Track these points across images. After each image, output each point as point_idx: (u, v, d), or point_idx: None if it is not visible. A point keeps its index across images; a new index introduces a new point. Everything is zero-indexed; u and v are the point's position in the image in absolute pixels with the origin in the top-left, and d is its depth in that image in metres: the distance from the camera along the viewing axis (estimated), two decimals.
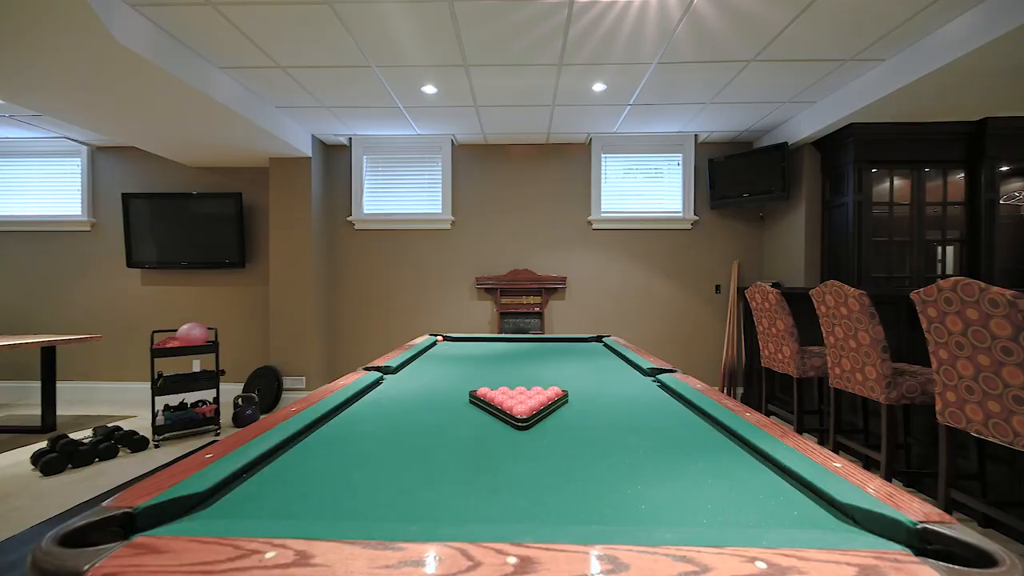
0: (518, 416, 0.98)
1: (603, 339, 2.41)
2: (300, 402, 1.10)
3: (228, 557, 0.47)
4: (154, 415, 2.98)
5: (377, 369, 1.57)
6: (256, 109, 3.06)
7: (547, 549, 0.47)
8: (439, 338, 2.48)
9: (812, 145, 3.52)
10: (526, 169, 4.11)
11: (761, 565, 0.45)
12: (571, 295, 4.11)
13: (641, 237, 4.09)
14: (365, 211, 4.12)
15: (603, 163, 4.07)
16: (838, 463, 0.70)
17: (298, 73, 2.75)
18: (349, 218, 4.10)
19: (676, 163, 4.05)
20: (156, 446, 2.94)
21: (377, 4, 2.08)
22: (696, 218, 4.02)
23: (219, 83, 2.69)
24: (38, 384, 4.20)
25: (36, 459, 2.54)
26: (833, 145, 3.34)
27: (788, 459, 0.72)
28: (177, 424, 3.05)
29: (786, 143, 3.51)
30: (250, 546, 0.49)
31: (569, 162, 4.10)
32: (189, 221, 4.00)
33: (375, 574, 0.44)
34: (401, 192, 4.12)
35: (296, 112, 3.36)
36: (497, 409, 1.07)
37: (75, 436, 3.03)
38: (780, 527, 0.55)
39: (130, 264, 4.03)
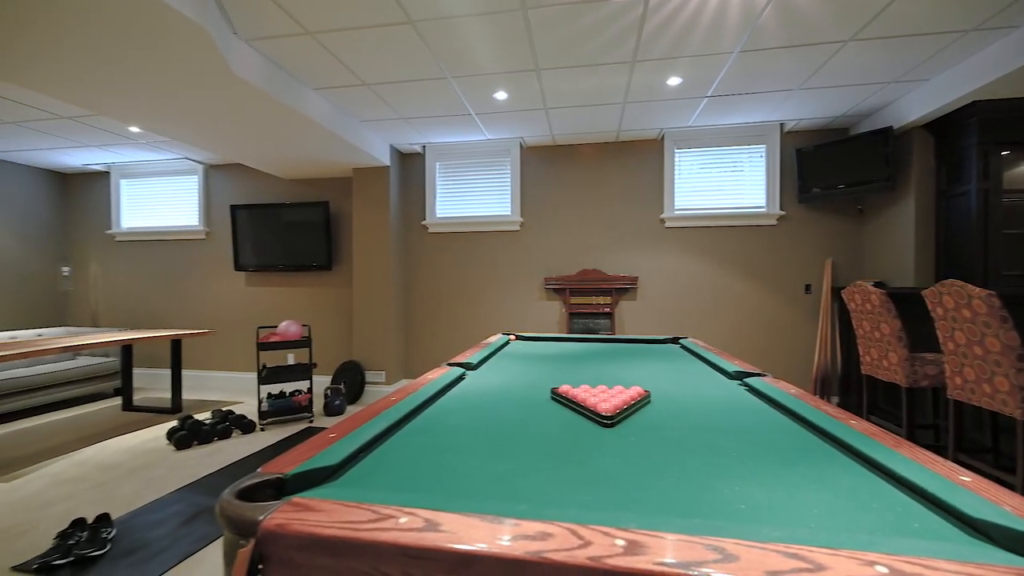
0: (603, 413, 1.00)
1: (679, 341, 2.34)
2: (397, 393, 1.20)
3: (369, 519, 0.55)
4: (259, 402, 3.36)
5: (459, 365, 1.66)
6: (343, 124, 3.34)
7: (653, 536, 0.50)
8: (512, 337, 2.55)
9: (923, 128, 3.14)
10: (595, 168, 4.08)
11: (882, 569, 0.44)
12: (643, 295, 4.01)
13: (719, 234, 3.89)
14: (438, 215, 4.33)
15: (676, 158, 3.92)
16: (966, 476, 0.65)
17: (381, 89, 2.96)
18: (423, 222, 4.33)
19: (759, 155, 3.80)
20: (262, 429, 3.31)
21: (455, 19, 2.19)
22: (782, 213, 3.75)
23: (313, 103, 2.98)
24: (164, 371, 4.89)
25: (170, 435, 2.98)
26: (951, 127, 2.96)
27: (906, 470, 0.67)
28: (278, 411, 3.42)
29: (890, 127, 3.17)
30: (385, 511, 0.56)
31: (640, 159, 4.00)
32: (284, 228, 4.45)
33: (496, 543, 0.49)
34: (471, 195, 4.27)
35: (377, 124, 3.61)
36: (580, 406, 1.09)
37: (198, 417, 3.49)
38: (900, 537, 0.52)
39: (237, 267, 4.56)
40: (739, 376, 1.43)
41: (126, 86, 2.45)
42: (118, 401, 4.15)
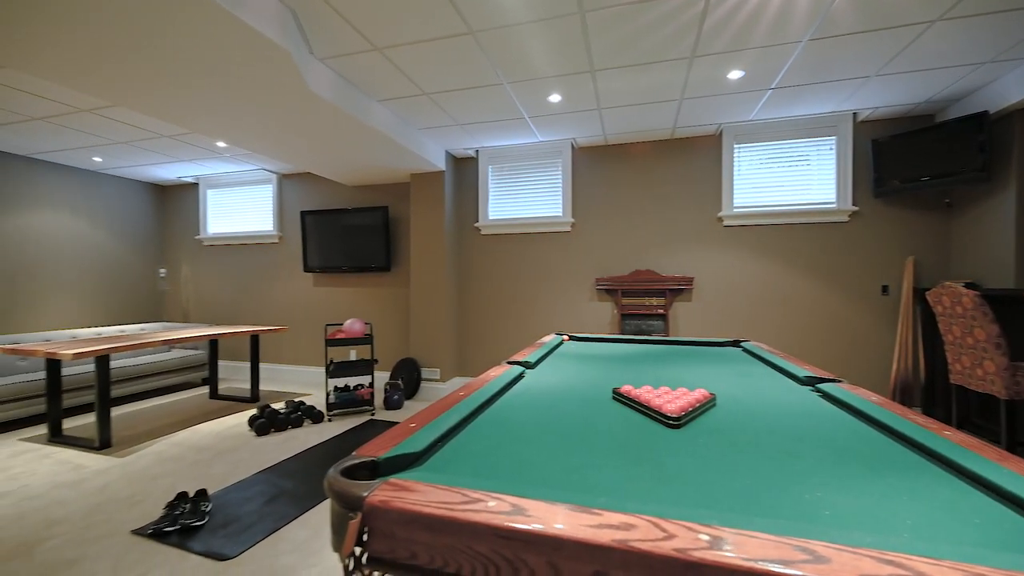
0: (669, 414, 1.01)
1: (741, 343, 2.26)
2: (465, 388, 1.27)
3: (461, 501, 0.60)
4: (327, 394, 3.60)
5: (518, 364, 1.70)
6: (403, 132, 3.51)
7: (737, 533, 0.51)
8: (565, 337, 2.56)
9: None
10: (648, 167, 4.00)
11: None
12: (699, 296, 3.88)
13: (783, 233, 3.69)
14: (490, 217, 4.42)
15: (736, 154, 3.77)
16: None
17: (439, 97, 3.08)
18: (476, 224, 4.44)
19: (828, 147, 3.56)
20: (329, 420, 3.55)
21: (514, 27, 2.25)
22: (855, 208, 3.49)
23: (377, 113, 3.15)
24: (242, 363, 5.35)
25: (251, 422, 3.26)
26: None
27: (1014, 485, 0.63)
28: (343, 403, 3.64)
29: (986, 112, 2.86)
30: (474, 495, 0.62)
31: (696, 156, 3.88)
32: (347, 232, 4.72)
33: (580, 530, 0.53)
34: (523, 197, 4.33)
35: (434, 131, 3.76)
36: (644, 407, 1.10)
37: (275, 407, 3.79)
38: (1013, 553, 0.50)
39: (306, 269, 4.90)
40: (811, 382, 1.37)
41: (218, 105, 2.72)
42: (205, 390, 4.59)
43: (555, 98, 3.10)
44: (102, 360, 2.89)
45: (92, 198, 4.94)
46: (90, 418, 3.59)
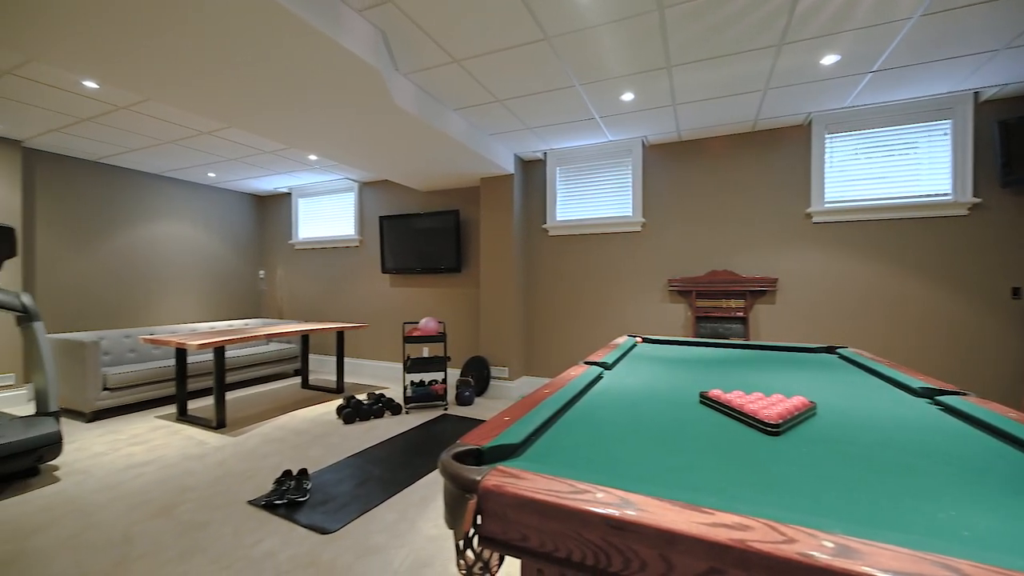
0: (766, 420, 0.97)
1: (837, 350, 2.09)
2: (548, 386, 1.30)
3: (569, 490, 0.64)
4: (404, 388, 3.82)
5: (596, 364, 1.71)
6: (475, 138, 3.64)
7: (867, 544, 0.49)
8: (638, 339, 2.52)
9: None
10: (726, 162, 3.80)
11: None
12: (783, 298, 3.62)
13: (884, 229, 3.34)
14: (558, 218, 4.44)
15: (827, 144, 3.47)
16: None
17: (511, 103, 3.16)
18: (544, 225, 4.47)
19: (942, 132, 3.17)
20: (407, 412, 3.76)
21: (589, 30, 2.26)
22: (976, 200, 3.07)
23: (452, 122, 3.30)
24: (325, 357, 5.82)
25: (339, 411, 3.55)
26: None
27: None
28: (419, 397, 3.85)
29: None
30: (581, 486, 0.65)
31: (781, 148, 3.62)
32: (420, 235, 4.97)
33: (694, 528, 0.54)
34: (591, 198, 4.30)
35: (504, 136, 3.85)
36: (738, 412, 1.07)
37: (359, 398, 4.09)
38: None
39: (383, 270, 5.23)
40: (929, 393, 1.25)
41: (313, 122, 3.00)
42: (297, 380, 5.06)
43: (627, 97, 3.06)
44: (219, 351, 3.30)
45: (206, 209, 5.64)
46: (207, 401, 4.11)
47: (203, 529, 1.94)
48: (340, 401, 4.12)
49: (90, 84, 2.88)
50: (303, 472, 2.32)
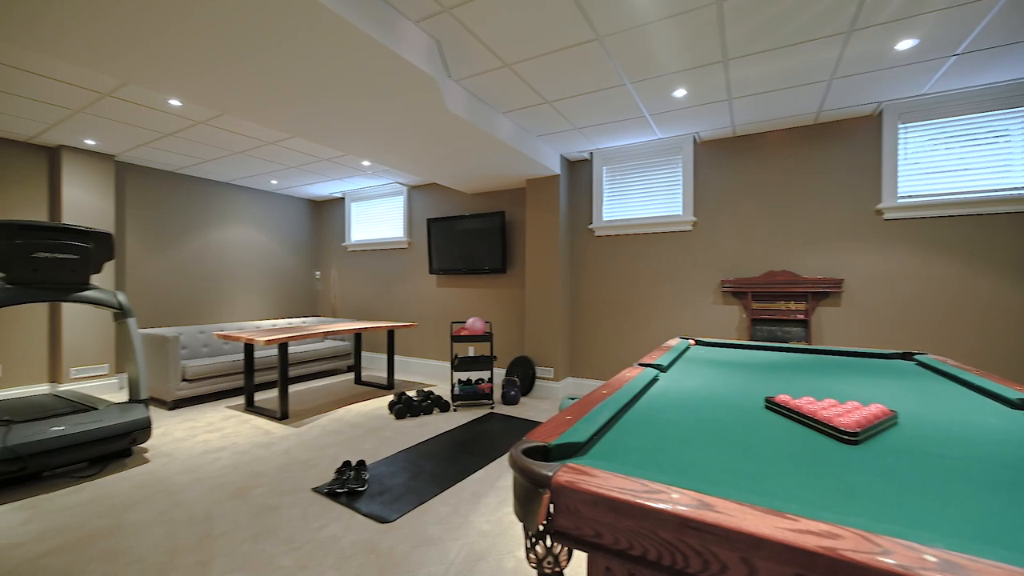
0: (844, 428, 0.93)
1: (915, 357, 1.94)
2: (605, 387, 1.30)
3: (643, 490, 0.64)
4: (452, 386, 3.91)
5: (651, 366, 1.69)
6: (523, 140, 3.67)
7: (973, 560, 0.47)
8: (691, 341, 2.46)
9: None
10: (784, 157, 3.62)
11: None
12: (849, 301, 3.39)
13: (971, 225, 3.05)
14: (604, 218, 4.39)
15: (901, 135, 3.22)
16: None
17: (560, 104, 3.16)
18: (590, 226, 4.44)
19: None
20: (455, 409, 3.85)
21: (641, 27, 2.23)
22: None
23: (501, 125, 3.35)
24: (374, 354, 6.05)
25: (391, 407, 3.69)
26: None
27: None
28: (466, 395, 3.93)
29: None
30: (655, 486, 0.65)
31: (846, 141, 3.40)
32: (466, 236, 5.07)
33: (779, 533, 0.53)
34: (639, 197, 4.22)
35: (551, 137, 3.86)
36: (810, 418, 1.03)
37: (409, 394, 4.23)
38: None
39: (431, 271, 5.37)
40: None
41: (370, 130, 3.15)
42: (351, 376, 5.30)
43: (680, 93, 2.98)
44: (283, 347, 3.52)
45: (268, 214, 6.03)
46: (270, 393, 4.40)
47: (274, 512, 2.08)
48: (391, 397, 4.27)
49: (174, 102, 3.16)
50: (361, 463, 2.44)
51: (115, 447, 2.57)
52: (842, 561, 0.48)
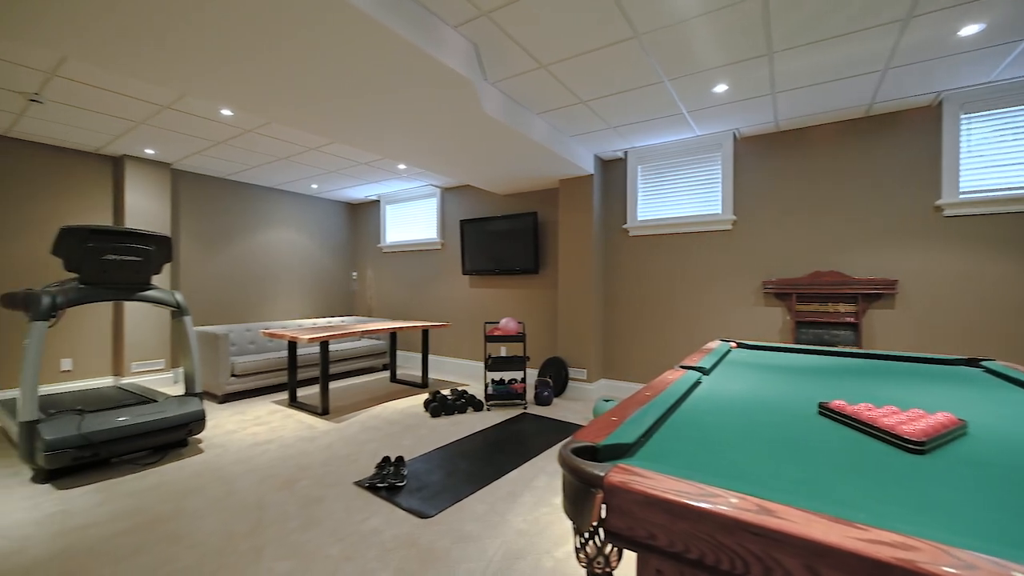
0: (908, 437, 0.89)
1: (981, 363, 1.81)
2: (648, 389, 1.29)
3: (699, 492, 0.63)
4: (485, 386, 3.95)
5: (693, 368, 1.66)
6: (557, 141, 3.66)
7: None
8: (733, 344, 2.39)
9: None
10: (832, 152, 3.45)
11: None
12: (905, 303, 3.20)
13: None
14: (639, 218, 4.32)
15: (962, 126, 3.01)
16: None
17: (595, 103, 3.14)
18: (624, 226, 4.38)
19: None
20: (488, 409, 3.89)
21: (682, 23, 2.19)
22: None
23: (535, 126, 3.36)
24: (408, 353, 6.18)
25: (426, 405, 3.76)
26: None
27: None
28: (500, 395, 3.95)
29: None
30: (711, 490, 0.64)
31: (901, 133, 3.21)
32: (499, 237, 5.10)
33: (849, 542, 0.51)
34: (675, 196, 4.13)
35: (585, 137, 3.84)
36: (870, 426, 0.98)
37: (443, 393, 4.30)
38: None
39: (463, 272, 5.44)
40: None
41: (407, 133, 3.22)
42: (386, 374, 5.44)
43: (720, 88, 2.90)
44: (324, 345, 3.65)
45: (308, 217, 6.27)
46: (312, 390, 4.57)
47: (319, 503, 2.17)
48: (426, 395, 4.36)
49: (226, 112, 3.35)
50: (400, 459, 2.50)
51: (174, 437, 2.74)
52: (921, 574, 0.46)
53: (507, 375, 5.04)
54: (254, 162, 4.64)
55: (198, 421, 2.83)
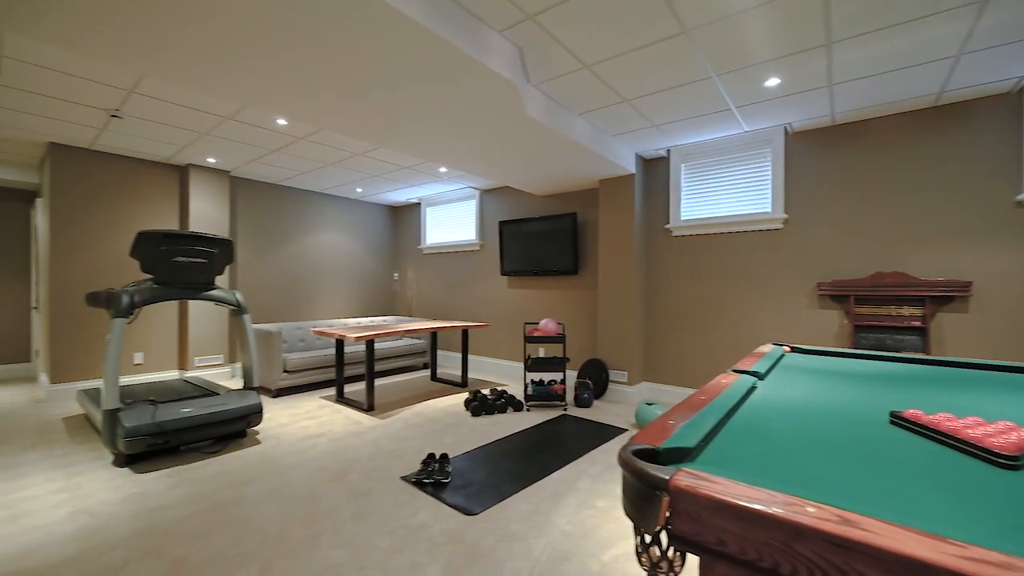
0: (999, 451, 0.82)
1: None
2: (702, 393, 1.26)
3: (772, 500, 0.62)
4: (525, 387, 3.96)
5: (747, 373, 1.60)
6: (598, 141, 3.63)
7: None
8: (786, 348, 2.29)
9: None
10: (895, 144, 3.24)
11: None
12: (980, 306, 2.96)
13: None
14: (682, 217, 4.21)
15: None
16: None
17: (638, 102, 3.09)
18: (666, 226, 4.28)
19: None
20: (527, 409, 3.90)
21: (733, 16, 2.12)
22: None
23: (577, 126, 3.34)
24: (448, 352, 6.28)
25: (467, 404, 3.82)
26: None
27: None
28: (539, 396, 3.96)
29: None
30: (786, 498, 0.62)
31: (975, 123, 2.97)
32: (537, 238, 5.10)
33: (947, 559, 0.49)
34: (721, 194, 3.99)
35: (627, 136, 3.78)
36: (951, 437, 0.92)
37: (483, 392, 4.35)
38: None
39: (502, 273, 5.48)
40: None
41: (451, 137, 3.29)
42: (426, 373, 5.56)
43: (772, 82, 2.79)
44: (370, 343, 3.78)
45: (352, 220, 6.51)
46: (357, 386, 4.74)
47: (368, 496, 2.25)
48: (466, 395, 4.42)
49: (281, 121, 3.53)
50: (444, 456, 2.55)
51: (234, 428, 2.92)
52: None
53: (547, 376, 5.03)
54: (304, 168, 4.87)
55: (256, 414, 3.00)
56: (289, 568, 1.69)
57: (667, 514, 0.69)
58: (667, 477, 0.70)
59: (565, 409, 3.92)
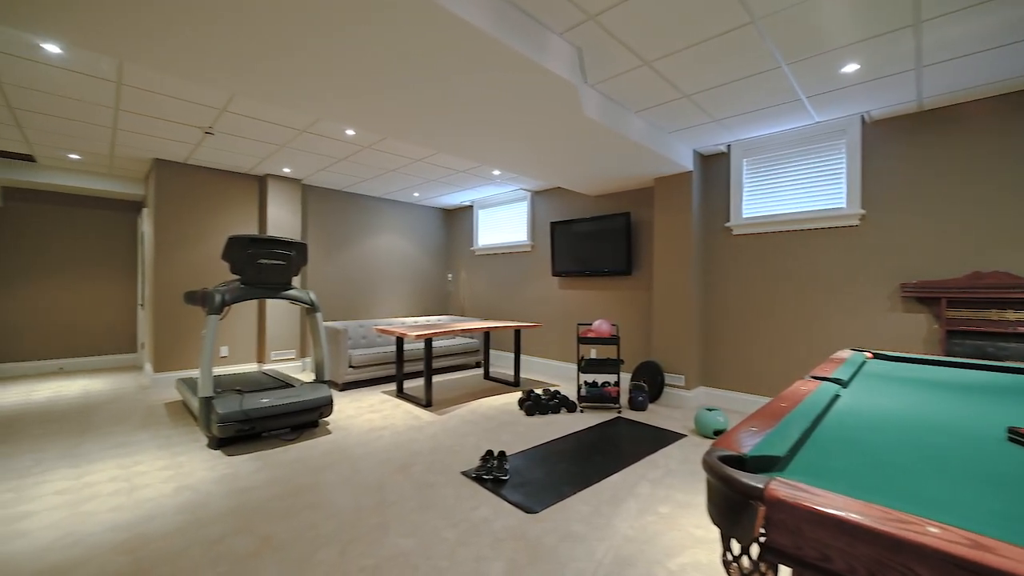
0: None
1: None
2: (782, 399, 1.20)
3: (885, 517, 0.59)
4: (578, 388, 3.94)
5: (829, 380, 1.51)
6: (655, 138, 3.54)
7: None
8: (868, 354, 2.14)
9: None
10: (993, 130, 2.91)
11: None
12: None
13: None
14: (744, 215, 4.01)
15: None
16: None
17: (698, 96, 2.99)
18: (726, 224, 4.10)
19: None
20: (581, 411, 3.88)
21: (808, 0, 2.00)
22: None
23: (633, 124, 3.29)
24: (499, 352, 6.36)
25: (520, 403, 3.86)
26: None
27: None
28: (593, 397, 3.92)
29: None
30: (901, 516, 0.59)
31: None
32: (590, 238, 5.05)
33: None
34: (787, 190, 3.77)
35: (685, 132, 3.66)
36: None
37: (537, 392, 4.38)
38: None
39: (553, 273, 5.48)
40: None
41: (508, 141, 3.34)
42: (479, 372, 5.67)
43: (850, 68, 2.60)
44: (428, 341, 3.92)
45: (409, 223, 6.76)
46: (415, 383, 4.92)
47: (431, 489, 2.34)
48: (519, 394, 4.47)
49: (349, 131, 3.75)
50: (502, 454, 2.60)
51: (309, 419, 3.13)
52: None
53: (600, 377, 4.98)
54: (367, 175, 5.13)
55: (327, 405, 3.20)
56: (365, 552, 1.80)
57: (762, 525, 0.68)
58: (762, 486, 0.68)
59: (619, 412, 3.86)
